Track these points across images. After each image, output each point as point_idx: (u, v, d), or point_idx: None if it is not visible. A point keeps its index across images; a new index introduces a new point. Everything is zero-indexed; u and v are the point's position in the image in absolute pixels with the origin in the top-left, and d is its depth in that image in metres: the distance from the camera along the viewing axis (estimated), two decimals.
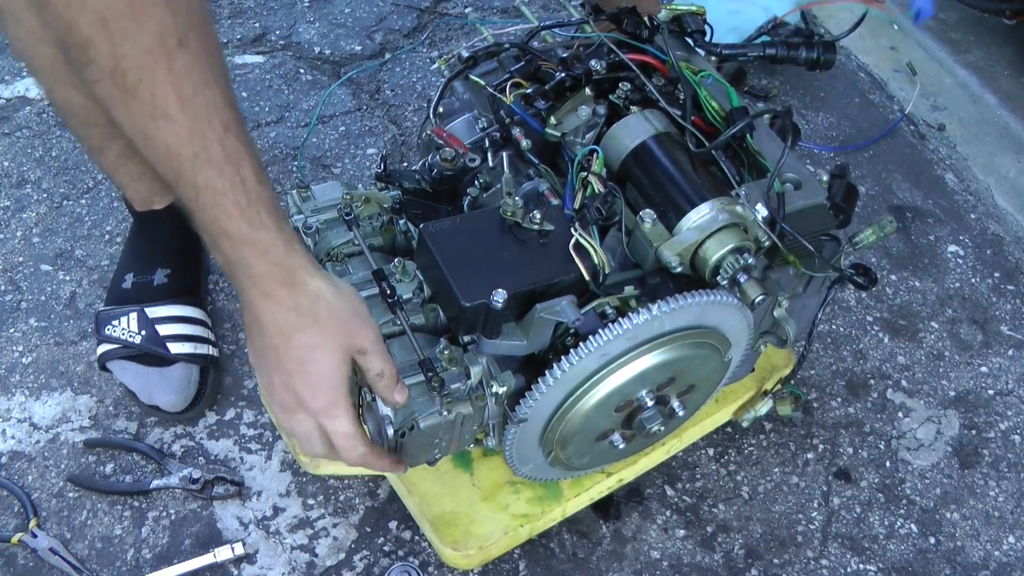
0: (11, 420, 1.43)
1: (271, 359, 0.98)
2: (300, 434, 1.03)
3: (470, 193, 1.19)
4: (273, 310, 0.94)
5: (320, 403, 0.99)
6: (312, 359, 0.97)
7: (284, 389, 0.99)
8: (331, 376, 0.98)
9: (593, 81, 1.25)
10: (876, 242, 1.20)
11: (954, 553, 1.43)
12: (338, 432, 1.01)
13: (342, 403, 1.00)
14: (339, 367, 0.98)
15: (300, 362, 0.97)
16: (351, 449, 1.03)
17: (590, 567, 1.36)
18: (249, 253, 0.91)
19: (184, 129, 0.82)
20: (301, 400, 0.99)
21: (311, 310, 0.95)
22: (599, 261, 1.09)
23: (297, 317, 0.95)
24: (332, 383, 0.98)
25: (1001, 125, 2.06)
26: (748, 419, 1.42)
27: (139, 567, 1.30)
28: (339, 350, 0.97)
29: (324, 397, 0.99)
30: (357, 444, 1.02)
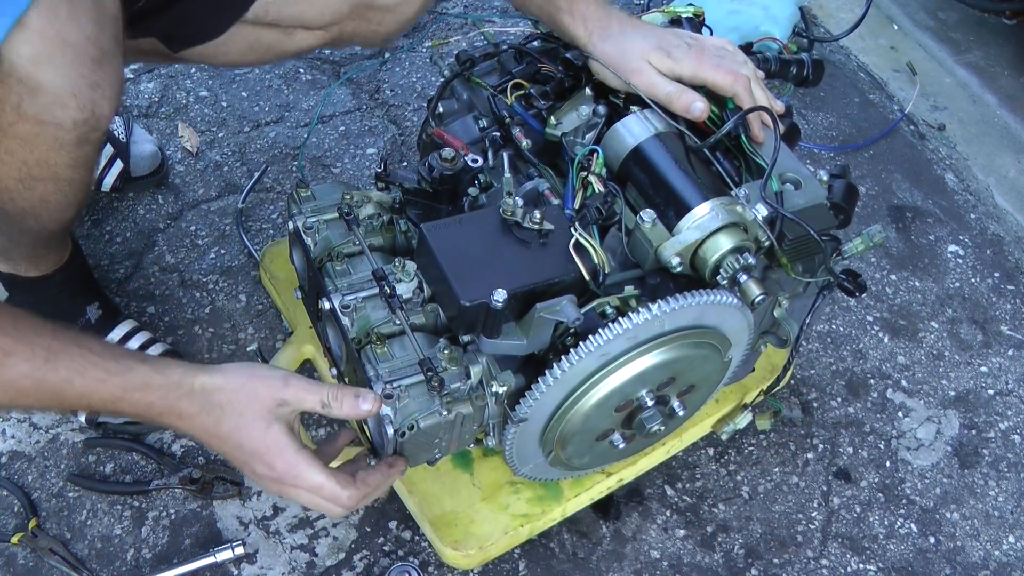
0: (11, 420, 1.43)
1: (234, 462, 1.06)
2: (311, 506, 1.08)
3: (470, 193, 1.19)
4: (195, 424, 1.02)
5: (279, 471, 1.03)
6: (244, 439, 1.02)
7: (258, 477, 1.05)
8: (268, 444, 1.02)
9: (593, 81, 1.25)
10: (865, 252, 1.21)
11: (954, 553, 1.43)
12: (312, 488, 1.04)
13: (298, 461, 1.02)
14: (269, 433, 1.01)
15: (240, 449, 1.03)
16: (335, 497, 1.05)
17: (590, 567, 1.36)
18: (141, 398, 0.99)
19: (32, 399, 0.98)
20: (271, 479, 1.04)
21: (211, 403, 1.01)
22: (599, 261, 1.09)
23: (208, 416, 1.01)
24: (274, 450, 1.02)
25: (1001, 125, 2.06)
26: (728, 432, 1.42)
27: (139, 567, 1.30)
28: (259, 418, 1.01)
29: (279, 464, 1.02)
30: (336, 490, 1.04)
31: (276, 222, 1.69)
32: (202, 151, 1.78)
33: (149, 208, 1.68)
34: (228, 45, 1.29)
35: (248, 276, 1.61)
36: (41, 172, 1.08)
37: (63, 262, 1.38)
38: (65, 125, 1.03)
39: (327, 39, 1.32)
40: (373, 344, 1.10)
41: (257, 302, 1.58)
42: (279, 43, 1.31)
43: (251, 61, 1.35)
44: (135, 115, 1.81)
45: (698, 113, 1.18)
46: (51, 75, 0.98)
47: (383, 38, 1.35)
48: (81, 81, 1.01)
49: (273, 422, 1.02)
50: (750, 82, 1.19)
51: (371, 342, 1.10)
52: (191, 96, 1.87)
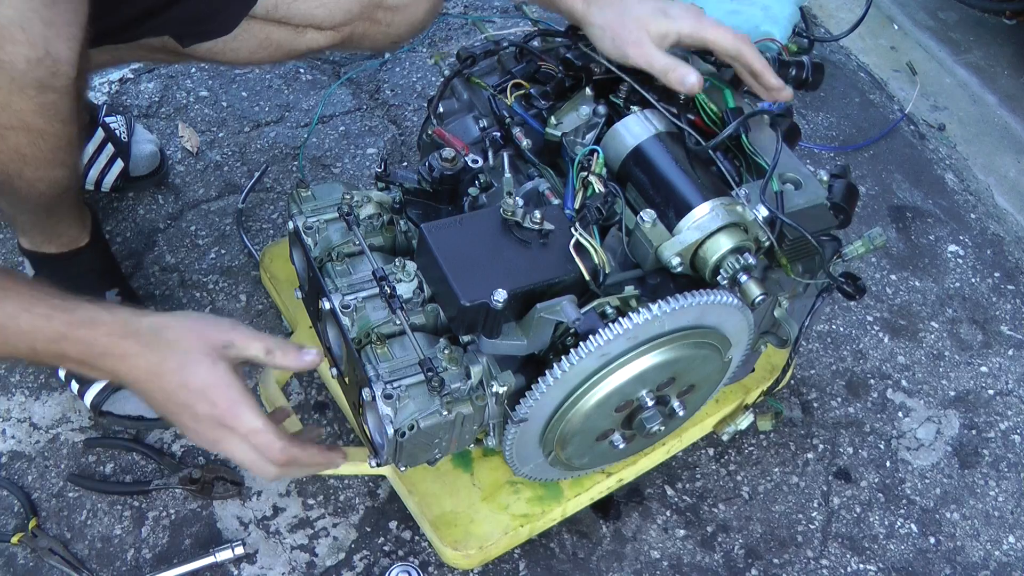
0: (11, 420, 1.43)
1: (170, 407, 1.02)
2: (241, 459, 1.05)
3: (470, 193, 1.19)
4: (135, 365, 0.99)
5: (221, 408, 1.01)
6: (189, 376, 1.00)
7: (195, 421, 1.02)
8: (214, 380, 1.00)
9: (593, 81, 1.25)
10: (865, 254, 1.21)
11: (954, 553, 1.43)
12: (250, 431, 1.02)
13: (240, 400, 1.01)
14: (214, 369, 1.00)
15: (183, 387, 1.00)
16: (269, 446, 1.03)
17: (590, 567, 1.36)
18: (86, 335, 0.98)
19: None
20: (211, 419, 1.01)
21: (158, 340, 1.00)
22: (599, 261, 1.09)
23: (153, 353, 0.99)
24: (219, 385, 1.01)
25: (1001, 125, 2.06)
26: (729, 433, 1.42)
27: (139, 567, 1.30)
28: (204, 354, 1.00)
29: (221, 401, 1.01)
30: (271, 438, 1.02)
31: (276, 222, 1.69)
32: (202, 151, 1.78)
33: (149, 208, 1.68)
34: (238, 42, 1.29)
35: (248, 276, 1.61)
36: (8, 119, 1.06)
37: (84, 243, 1.39)
38: (17, 64, 1.00)
39: (337, 40, 1.32)
40: (373, 344, 1.10)
41: (257, 302, 1.58)
42: (289, 42, 1.31)
43: (261, 59, 1.35)
44: (135, 115, 1.81)
45: (691, 85, 1.16)
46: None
47: (392, 40, 1.35)
48: (32, 16, 0.98)
49: (219, 360, 1.01)
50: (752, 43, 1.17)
51: (371, 342, 1.11)
52: (191, 96, 1.87)
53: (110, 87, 1.86)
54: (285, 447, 1.04)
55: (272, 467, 1.05)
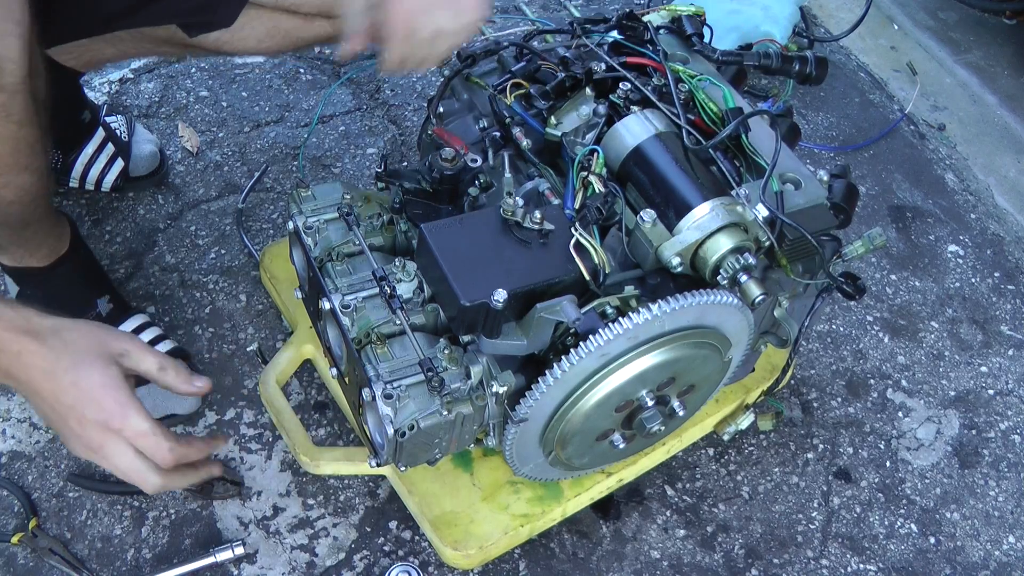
0: (11, 420, 1.43)
1: (57, 409, 1.01)
2: (126, 468, 1.03)
3: (470, 193, 1.19)
4: (31, 362, 0.99)
5: (109, 411, 1.00)
6: (81, 377, 0.99)
7: (80, 425, 1.01)
8: (106, 382, 1.00)
9: (593, 81, 1.25)
10: (865, 254, 1.21)
11: (954, 553, 1.43)
12: (138, 433, 1.01)
13: (129, 403, 1.01)
14: (107, 372, 1.00)
15: (74, 386, 0.99)
16: (157, 447, 1.02)
17: (590, 567, 1.36)
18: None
19: None
20: (97, 424, 1.00)
21: (58, 340, 0.99)
22: (599, 261, 1.09)
23: (50, 352, 0.99)
24: (110, 388, 1.00)
25: (1001, 125, 2.06)
26: (729, 433, 1.43)
27: (139, 567, 1.30)
28: (100, 358, 1.00)
29: (110, 402, 1.00)
30: (160, 439, 1.02)
31: (276, 222, 1.69)
32: (202, 151, 1.78)
33: (149, 208, 1.68)
34: (246, 31, 1.29)
35: (248, 276, 1.61)
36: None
37: (63, 252, 1.38)
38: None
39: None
40: (373, 344, 1.10)
41: (257, 302, 1.58)
42: (297, 31, 1.31)
43: (268, 48, 1.34)
44: (135, 115, 1.81)
45: (340, 52, 1.12)
46: None
47: None
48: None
49: (112, 364, 1.01)
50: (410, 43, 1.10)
51: (371, 342, 1.11)
52: (191, 96, 1.87)
53: (110, 87, 1.86)
54: (174, 447, 1.03)
55: (155, 476, 1.04)
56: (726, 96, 1.21)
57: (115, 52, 1.41)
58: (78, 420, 1.01)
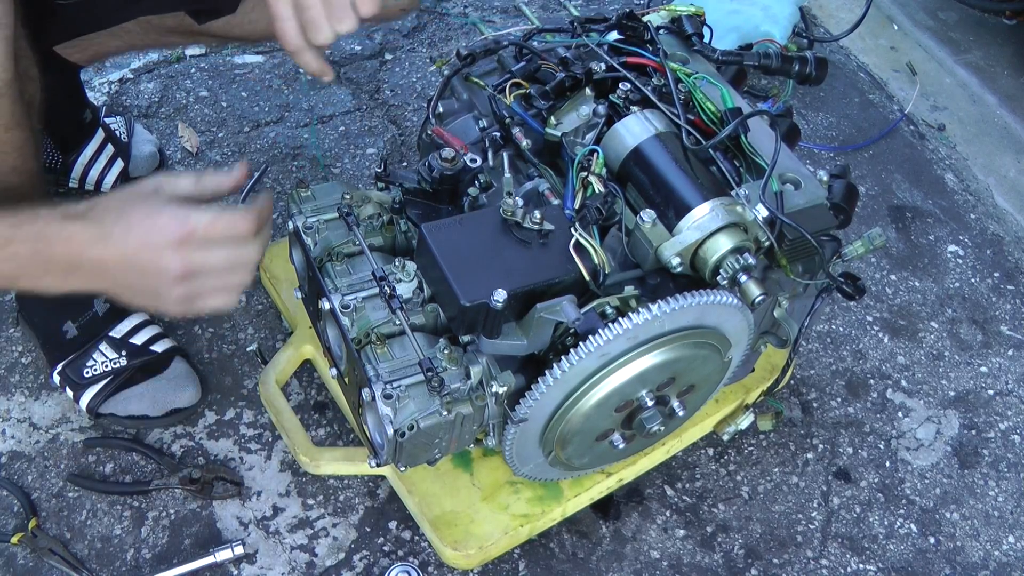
0: (11, 420, 1.43)
1: (131, 267, 0.98)
2: (224, 262, 1.01)
3: (470, 193, 1.19)
4: (83, 239, 0.97)
5: (170, 225, 0.97)
6: (131, 220, 0.97)
7: (159, 260, 0.98)
8: (151, 210, 0.98)
9: (593, 81, 1.25)
10: (865, 255, 1.21)
11: (954, 553, 1.43)
12: (209, 223, 0.99)
13: (182, 209, 0.99)
14: (149, 202, 0.99)
15: (128, 232, 0.97)
16: (233, 219, 1.00)
17: (590, 567, 1.36)
18: (32, 230, 0.96)
19: None
20: (169, 246, 0.97)
21: (96, 210, 0.98)
22: (599, 261, 1.09)
23: (93, 222, 0.98)
24: (158, 210, 0.98)
25: (1001, 125, 2.06)
26: (729, 433, 1.43)
27: (139, 567, 1.30)
28: (137, 198, 0.99)
29: (166, 219, 0.98)
30: (231, 214, 1.01)
31: (276, 222, 1.68)
32: (202, 151, 1.78)
33: None
34: (256, 14, 1.28)
35: None
36: None
37: None
38: None
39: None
40: (373, 344, 1.10)
41: (257, 302, 1.58)
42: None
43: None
44: (135, 115, 1.81)
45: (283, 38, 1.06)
46: None
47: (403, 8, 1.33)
48: None
49: (150, 196, 1.00)
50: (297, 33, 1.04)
51: (371, 342, 1.10)
52: (191, 96, 1.87)
53: (110, 87, 1.86)
54: (246, 211, 1.01)
55: (252, 247, 1.02)
56: (724, 96, 1.21)
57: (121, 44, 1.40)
58: (153, 263, 0.98)
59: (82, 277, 1.00)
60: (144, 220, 0.98)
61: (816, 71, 1.31)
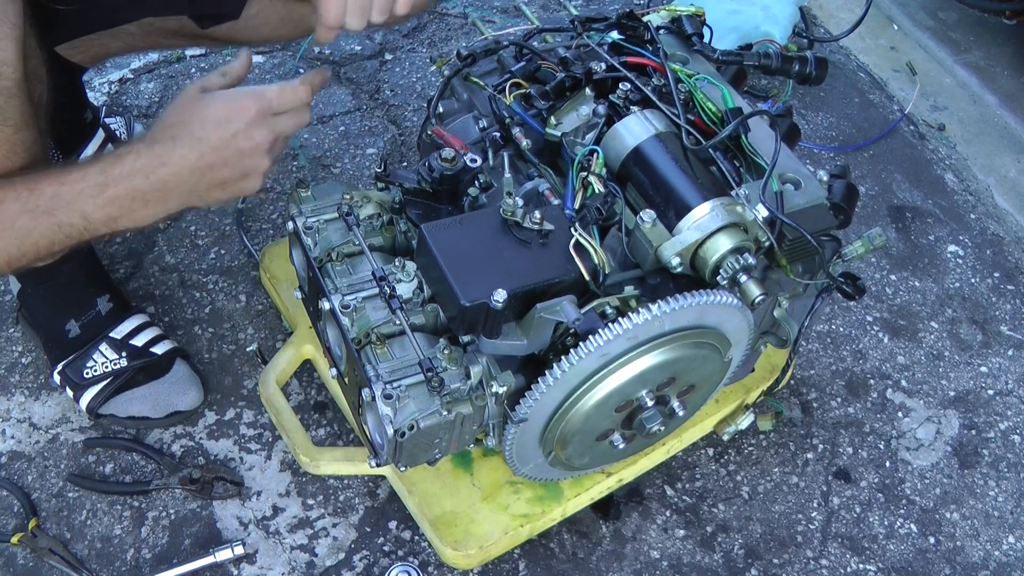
0: (11, 420, 1.43)
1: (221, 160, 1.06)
2: (292, 125, 1.10)
3: (470, 193, 1.19)
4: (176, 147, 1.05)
5: (244, 103, 1.06)
6: (205, 118, 1.06)
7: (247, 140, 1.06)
8: (217, 101, 1.07)
9: (593, 81, 1.25)
10: (865, 255, 1.21)
11: (954, 553, 1.43)
12: (276, 94, 1.08)
13: (247, 90, 1.08)
14: (210, 98, 1.07)
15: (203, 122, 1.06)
16: (295, 89, 1.10)
17: (590, 567, 1.36)
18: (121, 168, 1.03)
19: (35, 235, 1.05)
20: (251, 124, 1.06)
21: (165, 126, 1.06)
22: (599, 261, 1.09)
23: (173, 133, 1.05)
24: (224, 100, 1.07)
25: (1001, 125, 2.06)
26: (729, 433, 1.43)
27: (139, 567, 1.30)
28: (192, 101, 1.07)
29: (238, 103, 1.06)
30: (290, 84, 1.10)
31: (276, 222, 1.69)
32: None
33: None
34: (259, 19, 1.29)
35: (248, 276, 1.61)
36: None
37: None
38: None
39: None
40: (373, 344, 1.10)
41: (257, 302, 1.58)
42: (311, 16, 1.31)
43: (282, 36, 1.36)
44: (135, 115, 1.81)
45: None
46: None
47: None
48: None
49: (206, 94, 1.08)
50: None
51: (371, 342, 1.10)
52: None
53: (110, 87, 1.86)
54: (301, 81, 1.11)
55: (307, 114, 1.12)
56: (725, 96, 1.21)
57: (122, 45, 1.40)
58: (247, 140, 1.06)
59: (180, 194, 1.07)
60: (222, 109, 1.06)
61: (816, 71, 1.31)
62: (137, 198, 1.05)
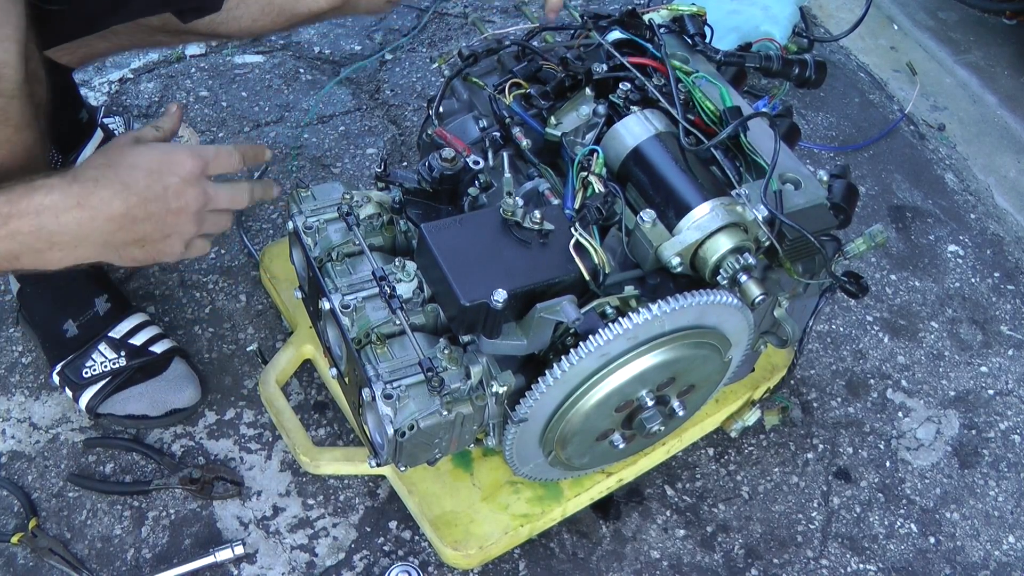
0: (11, 420, 1.43)
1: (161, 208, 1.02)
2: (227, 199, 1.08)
3: (470, 193, 1.19)
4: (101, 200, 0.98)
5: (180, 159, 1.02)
6: (158, 160, 1.02)
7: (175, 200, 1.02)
8: (150, 149, 1.03)
9: (593, 81, 1.25)
10: (867, 252, 1.21)
11: (954, 553, 1.43)
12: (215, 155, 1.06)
13: (176, 147, 1.05)
14: (138, 142, 1.03)
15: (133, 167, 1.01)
16: (223, 149, 1.09)
17: (590, 567, 1.36)
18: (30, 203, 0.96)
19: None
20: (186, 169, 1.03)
21: (95, 166, 1.01)
22: (599, 261, 1.09)
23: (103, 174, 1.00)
24: (155, 150, 1.03)
25: (1001, 125, 2.06)
26: (736, 429, 1.43)
27: (139, 567, 1.30)
28: (125, 145, 1.03)
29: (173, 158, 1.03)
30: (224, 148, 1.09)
31: (276, 222, 1.69)
32: None
33: None
34: (240, 11, 1.29)
35: (248, 276, 1.61)
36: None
37: None
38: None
39: (337, 2, 1.33)
40: (373, 344, 1.10)
41: (257, 302, 1.58)
42: (290, 6, 1.32)
43: (263, 27, 1.35)
44: (135, 115, 1.81)
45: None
46: None
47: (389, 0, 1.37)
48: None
49: (140, 143, 1.05)
50: None
51: (371, 342, 1.10)
52: (191, 96, 1.87)
53: (110, 87, 1.86)
54: (235, 147, 1.10)
55: (245, 192, 1.11)
56: (723, 95, 1.21)
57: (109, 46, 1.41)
58: (175, 198, 1.02)
59: (92, 244, 1.00)
60: (156, 159, 1.00)
61: (815, 74, 1.32)
62: (42, 238, 0.97)
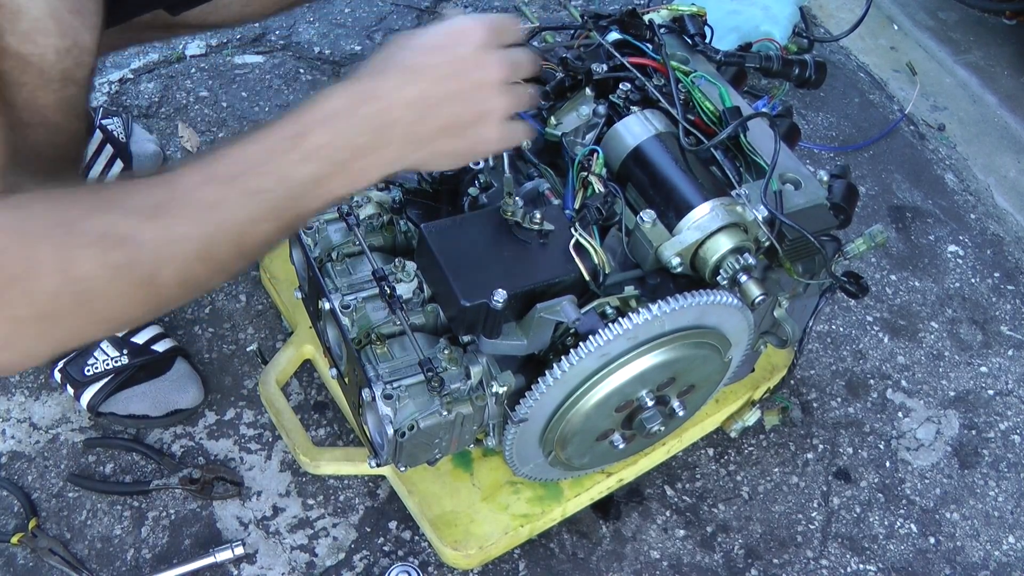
0: (11, 420, 1.43)
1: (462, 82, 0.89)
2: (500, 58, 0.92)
3: (470, 193, 1.19)
4: (387, 81, 0.87)
5: (459, 22, 0.90)
6: (444, 34, 0.90)
7: (489, 58, 0.89)
8: (457, 22, 0.91)
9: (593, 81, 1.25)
10: (867, 252, 1.21)
11: (954, 553, 1.43)
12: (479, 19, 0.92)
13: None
14: (453, 20, 0.92)
15: (445, 39, 0.90)
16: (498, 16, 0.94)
17: (590, 567, 1.36)
18: (320, 110, 0.86)
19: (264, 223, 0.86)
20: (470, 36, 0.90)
21: (394, 55, 0.89)
22: (599, 261, 1.09)
23: (383, 65, 0.89)
24: (462, 20, 0.91)
25: (1001, 125, 2.06)
26: (736, 429, 1.43)
27: (139, 567, 1.30)
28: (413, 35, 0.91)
29: (444, 28, 0.91)
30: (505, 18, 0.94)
31: None
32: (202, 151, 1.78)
33: None
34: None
35: (248, 276, 1.61)
36: (31, 116, 1.01)
37: None
38: (48, 56, 0.96)
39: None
40: (373, 344, 1.10)
41: (257, 302, 1.58)
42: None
43: (253, 13, 1.33)
44: (135, 115, 1.81)
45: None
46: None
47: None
48: (60, 5, 0.95)
49: (415, 34, 0.92)
50: None
51: (371, 342, 1.10)
52: (191, 96, 1.87)
53: (110, 87, 1.86)
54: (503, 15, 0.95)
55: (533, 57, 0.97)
56: (723, 95, 1.21)
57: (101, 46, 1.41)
58: (476, 65, 0.90)
59: (396, 141, 0.88)
60: (441, 35, 0.90)
61: (815, 75, 1.32)
62: (345, 146, 0.86)
